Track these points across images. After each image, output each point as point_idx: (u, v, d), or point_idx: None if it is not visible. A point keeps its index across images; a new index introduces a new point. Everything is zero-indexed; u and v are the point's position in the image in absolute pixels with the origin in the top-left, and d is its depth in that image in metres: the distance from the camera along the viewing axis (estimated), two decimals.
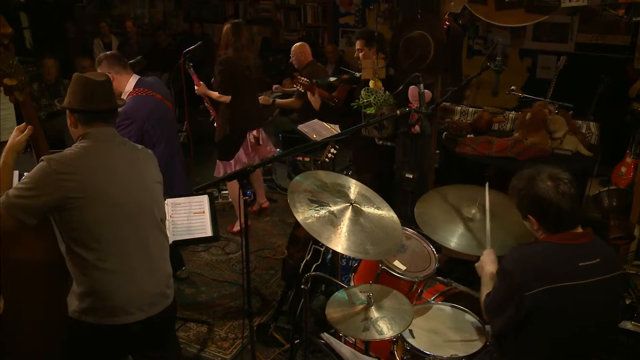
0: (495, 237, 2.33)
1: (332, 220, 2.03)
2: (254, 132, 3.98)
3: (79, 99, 1.89)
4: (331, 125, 4.05)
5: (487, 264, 2.06)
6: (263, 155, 4.19)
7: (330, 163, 3.08)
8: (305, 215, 1.99)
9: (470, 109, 3.78)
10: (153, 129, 3.06)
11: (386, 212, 2.21)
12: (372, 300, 2.01)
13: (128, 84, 3.06)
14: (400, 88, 2.32)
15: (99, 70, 3.04)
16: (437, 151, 3.45)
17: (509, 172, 3.46)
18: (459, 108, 3.83)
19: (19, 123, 4.76)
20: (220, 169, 4.03)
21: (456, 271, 2.99)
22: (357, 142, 3.61)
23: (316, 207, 2.05)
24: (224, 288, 3.58)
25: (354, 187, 2.24)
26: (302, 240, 3.05)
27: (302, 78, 3.50)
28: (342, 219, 2.05)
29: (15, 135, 1.99)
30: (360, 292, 2.09)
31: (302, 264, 2.89)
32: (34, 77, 5.46)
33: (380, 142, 3.30)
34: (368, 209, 2.15)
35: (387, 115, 2.04)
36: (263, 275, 3.73)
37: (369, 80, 3.26)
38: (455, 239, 2.38)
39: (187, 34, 7.53)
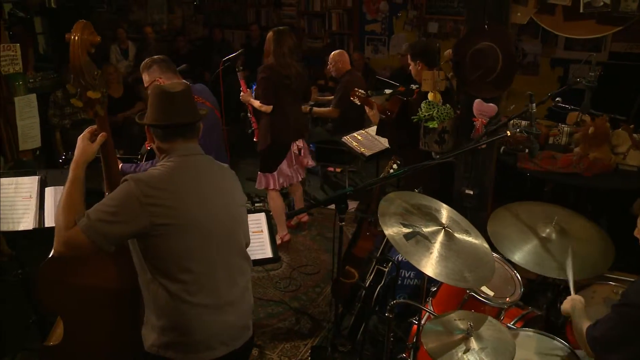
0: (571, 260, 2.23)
1: (427, 245, 1.93)
2: (297, 143, 3.87)
3: (158, 113, 1.73)
4: (379, 138, 3.95)
5: (577, 301, 1.96)
6: (303, 166, 4.08)
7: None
8: (400, 239, 1.89)
9: (523, 122, 3.66)
10: (202, 139, 2.90)
11: (475, 237, 2.10)
12: (473, 330, 1.89)
13: None
14: (512, 107, 2.17)
15: (147, 76, 2.90)
16: None
17: (572, 189, 3.38)
18: (511, 121, 3.72)
19: (42, 132, 4.62)
20: (262, 182, 3.90)
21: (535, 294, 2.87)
22: (410, 155, 3.49)
23: (409, 230, 1.95)
24: (269, 307, 3.44)
25: (443, 210, 2.13)
26: (365, 260, 2.92)
27: (359, 90, 3.38)
28: (435, 243, 1.95)
29: (85, 145, 1.77)
30: (456, 320, 1.97)
31: (366, 285, 2.78)
32: (57, 84, 5.33)
33: (438, 156, 3.18)
34: (459, 234, 2.04)
35: (498, 136, 1.92)
36: (309, 293, 3.59)
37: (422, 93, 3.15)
38: (533, 260, 2.27)
39: (207, 39, 7.41)
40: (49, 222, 2.70)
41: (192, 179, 1.70)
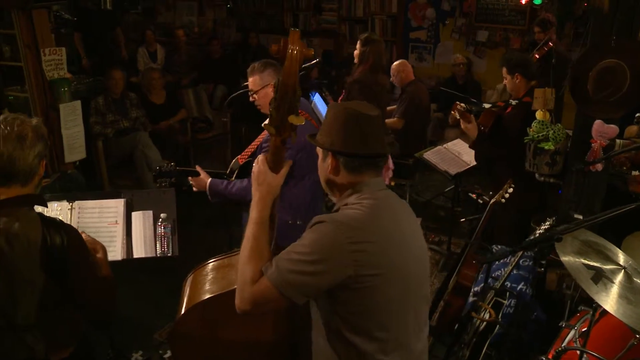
0: None
1: (610, 287, 1.77)
2: None
3: (355, 139, 1.44)
4: (460, 154, 3.75)
5: None
6: (384, 177, 3.88)
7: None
8: (587, 280, 1.73)
9: (618, 140, 3.48)
10: (305, 159, 2.67)
11: None
12: None
13: None
14: None
15: (258, 79, 2.58)
16: None
17: None
18: None
19: (87, 141, 4.32)
20: None
21: None
22: (499, 172, 3.29)
23: (594, 272, 1.78)
24: None
25: (613, 249, 1.95)
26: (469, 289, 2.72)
27: (460, 104, 3.19)
28: (615, 284, 1.78)
29: (269, 178, 1.51)
30: None
31: (484, 318, 2.57)
32: (96, 90, 5.06)
33: (542, 178, 2.99)
34: (637, 276, 1.86)
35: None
36: None
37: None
38: None
39: (240, 44, 7.16)
40: (138, 252, 2.46)
41: (391, 220, 1.47)
